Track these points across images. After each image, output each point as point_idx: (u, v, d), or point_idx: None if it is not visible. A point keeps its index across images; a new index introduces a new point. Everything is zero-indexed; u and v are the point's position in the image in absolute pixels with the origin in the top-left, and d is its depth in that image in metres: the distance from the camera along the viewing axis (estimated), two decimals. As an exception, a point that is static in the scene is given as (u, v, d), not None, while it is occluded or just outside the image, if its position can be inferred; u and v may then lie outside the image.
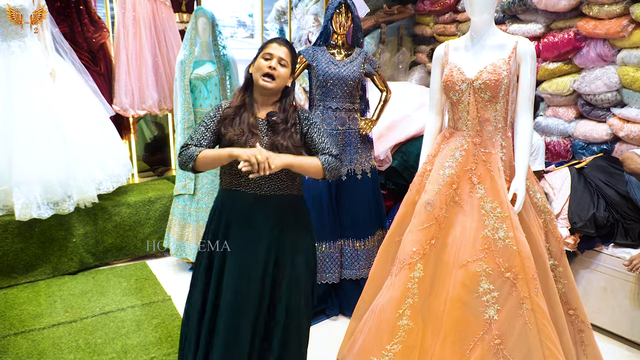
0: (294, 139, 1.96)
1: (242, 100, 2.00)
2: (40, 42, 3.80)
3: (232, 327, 1.94)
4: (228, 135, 1.94)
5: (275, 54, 1.95)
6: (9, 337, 2.90)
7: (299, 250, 2.03)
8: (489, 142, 2.14)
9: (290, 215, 2.03)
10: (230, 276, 1.95)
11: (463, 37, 2.24)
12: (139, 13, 4.34)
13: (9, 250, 3.58)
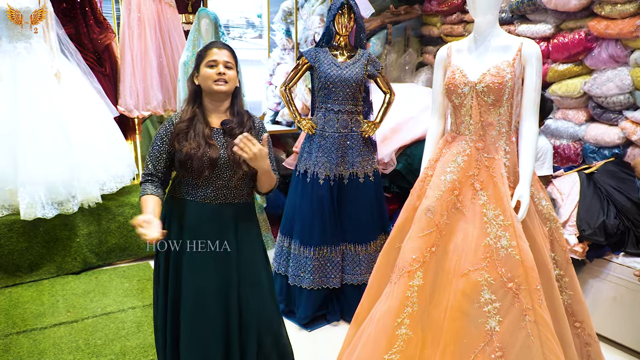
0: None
1: (193, 112, 1.95)
2: (46, 43, 3.81)
3: (196, 346, 1.97)
4: (184, 150, 1.89)
5: (219, 60, 1.93)
6: (12, 335, 2.90)
7: (255, 256, 2.07)
8: (492, 147, 2.08)
9: (243, 222, 2.04)
10: (187, 294, 1.97)
11: (466, 38, 2.18)
12: (144, 14, 4.33)
13: (14, 249, 3.59)
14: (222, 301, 1.99)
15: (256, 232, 2.13)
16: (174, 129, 1.94)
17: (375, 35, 4.91)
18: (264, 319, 2.07)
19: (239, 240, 2.03)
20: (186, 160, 1.89)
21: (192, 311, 1.98)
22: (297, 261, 2.98)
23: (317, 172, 2.94)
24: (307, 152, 3.02)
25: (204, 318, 1.98)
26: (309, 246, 2.95)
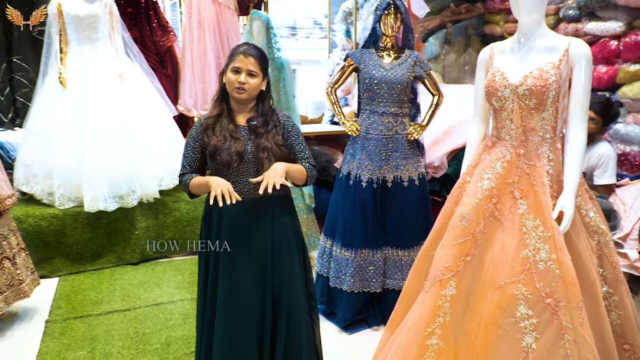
0: (277, 139, 2.01)
1: (220, 109, 2.03)
2: (112, 45, 4.04)
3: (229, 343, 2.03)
4: (212, 142, 1.97)
5: (242, 67, 1.95)
6: (69, 320, 3.11)
7: (290, 248, 2.10)
8: (534, 154, 1.97)
9: (278, 214, 2.08)
10: (224, 286, 2.03)
11: (510, 38, 2.08)
12: (203, 17, 4.48)
13: (78, 239, 3.84)
14: (258, 293, 2.04)
15: (292, 224, 2.15)
16: (203, 125, 2.02)
17: (434, 35, 4.81)
18: (294, 312, 2.09)
19: (274, 232, 2.07)
20: (214, 153, 1.97)
21: (228, 302, 2.03)
22: (338, 263, 2.98)
23: (360, 174, 2.91)
24: (351, 154, 3.00)
25: (239, 310, 2.02)
26: (350, 248, 2.93)
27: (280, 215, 2.10)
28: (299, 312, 2.11)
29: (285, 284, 2.08)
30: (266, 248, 2.05)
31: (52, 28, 3.92)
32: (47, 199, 3.86)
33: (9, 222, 2.99)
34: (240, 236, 2.04)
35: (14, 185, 3.87)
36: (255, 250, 2.04)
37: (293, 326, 2.09)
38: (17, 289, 2.96)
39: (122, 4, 4.37)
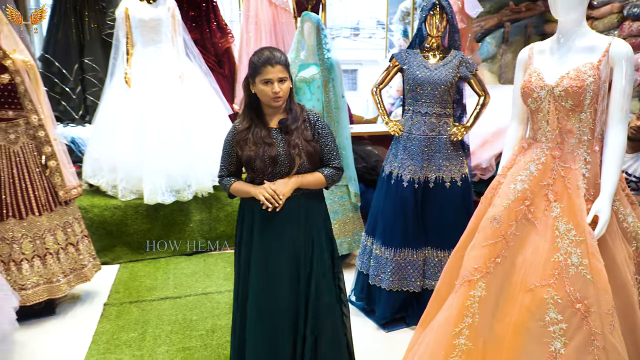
0: (306, 135, 2.08)
1: (250, 119, 2.08)
2: (173, 47, 4.27)
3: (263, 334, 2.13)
4: (246, 154, 2.04)
5: (274, 78, 1.98)
6: (125, 304, 3.34)
7: (322, 244, 2.17)
8: (570, 156, 1.92)
9: (311, 211, 2.15)
10: (257, 280, 2.13)
11: (550, 38, 2.03)
12: (260, 19, 4.64)
13: (138, 230, 4.10)
14: (290, 285, 2.12)
15: (323, 221, 2.23)
16: (235, 136, 2.10)
17: (491, 35, 4.71)
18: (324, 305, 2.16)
19: (306, 229, 2.14)
20: (249, 163, 2.05)
21: (261, 294, 2.13)
22: (378, 261, 3.01)
23: (402, 174, 2.93)
24: (393, 153, 3.03)
25: (272, 302, 2.12)
26: (389, 247, 2.95)
27: (312, 213, 2.17)
28: (328, 305, 2.17)
29: (315, 278, 2.14)
30: (298, 243, 2.13)
31: (120, 31, 4.21)
32: (111, 191, 4.15)
33: (74, 211, 3.25)
34: (274, 231, 2.12)
35: (83, 177, 4.19)
36: (287, 245, 2.12)
37: (323, 318, 2.15)
38: (80, 272, 3.22)
39: (184, 7, 4.61)
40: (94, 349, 2.81)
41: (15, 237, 2.93)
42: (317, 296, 2.13)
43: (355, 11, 14.73)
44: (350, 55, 14.49)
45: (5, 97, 2.92)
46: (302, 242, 2.14)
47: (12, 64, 2.91)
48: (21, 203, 2.97)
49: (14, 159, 2.97)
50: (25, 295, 2.92)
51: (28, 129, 3.02)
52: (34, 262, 2.99)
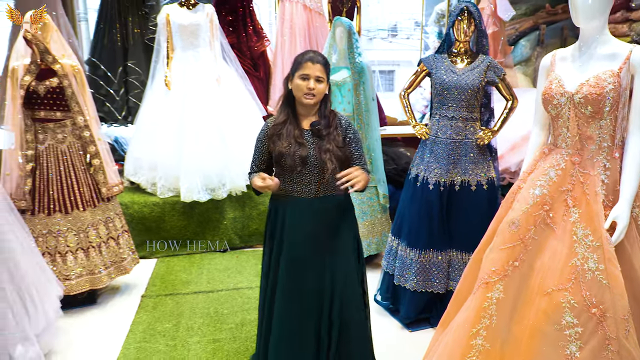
0: (337, 141, 2.14)
1: (286, 114, 2.16)
2: (211, 51, 4.43)
3: (289, 329, 2.21)
4: (277, 149, 2.13)
5: (311, 74, 2.07)
6: (161, 296, 3.51)
7: (347, 245, 2.23)
8: (589, 163, 1.94)
9: (339, 213, 2.23)
10: (286, 273, 2.21)
11: (572, 45, 2.05)
12: (295, 23, 4.75)
13: (174, 226, 4.29)
14: (316, 285, 2.20)
15: (351, 223, 2.30)
16: (269, 131, 2.19)
17: (525, 37, 4.67)
18: (348, 306, 2.23)
19: (333, 230, 2.22)
20: (280, 158, 2.14)
21: (288, 293, 2.22)
22: (403, 262, 3.07)
23: (428, 177, 2.98)
24: (420, 156, 3.08)
25: (298, 300, 2.21)
26: (414, 248, 3.01)
27: (339, 215, 2.25)
28: (352, 306, 2.24)
29: (340, 280, 2.21)
30: (325, 244, 2.21)
31: (161, 36, 4.41)
32: (151, 189, 4.35)
33: (115, 207, 3.45)
34: (302, 232, 2.20)
35: (124, 175, 4.41)
36: (315, 245, 2.20)
37: (346, 316, 2.22)
38: (120, 265, 3.41)
39: (222, 12, 4.77)
40: (131, 338, 2.98)
41: (61, 230, 3.14)
42: (342, 298, 2.20)
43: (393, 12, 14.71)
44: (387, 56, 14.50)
45: (54, 99, 3.12)
46: (329, 242, 2.21)
47: (60, 69, 3.12)
48: (67, 199, 3.17)
49: (61, 157, 3.18)
50: (69, 286, 3.12)
51: (74, 129, 3.22)
52: (78, 254, 3.19)
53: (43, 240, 3.10)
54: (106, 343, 2.94)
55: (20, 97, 3.05)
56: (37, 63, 3.08)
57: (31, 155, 3.10)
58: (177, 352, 2.81)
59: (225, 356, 2.79)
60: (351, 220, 2.33)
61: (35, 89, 3.06)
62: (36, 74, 3.08)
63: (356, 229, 2.36)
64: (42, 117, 3.13)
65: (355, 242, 2.33)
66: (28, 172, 3.08)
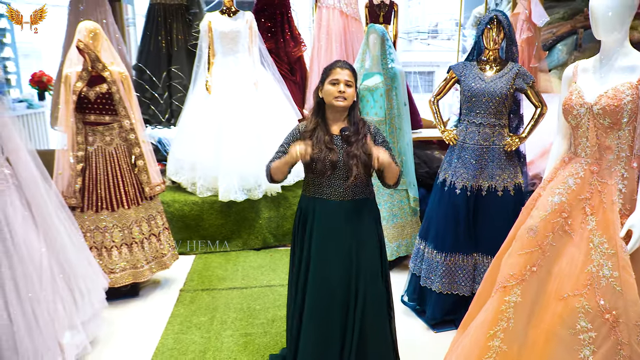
0: (365, 148, 2.21)
1: (316, 122, 2.28)
2: (250, 57, 4.61)
3: (317, 324, 2.31)
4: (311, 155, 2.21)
5: (340, 79, 2.20)
6: (198, 291, 3.70)
7: (372, 245, 2.34)
8: (607, 172, 1.97)
9: (364, 215, 2.32)
10: (314, 271, 2.31)
11: (594, 57, 2.08)
12: (331, 29, 4.88)
13: (213, 224, 4.49)
14: (343, 282, 2.31)
15: (375, 225, 2.40)
16: (300, 135, 2.31)
17: (562, 42, 4.63)
18: (372, 303, 2.32)
19: (359, 231, 2.33)
20: (311, 163, 2.25)
21: (317, 288, 2.33)
22: (429, 264, 3.14)
23: (455, 181, 3.04)
24: (448, 161, 3.14)
25: (326, 296, 2.31)
26: (440, 251, 3.08)
27: (365, 217, 2.35)
28: (376, 305, 2.34)
29: (365, 279, 2.32)
30: (352, 243, 2.31)
31: (203, 42, 4.63)
32: (191, 188, 4.57)
33: (157, 206, 3.66)
34: (330, 232, 2.32)
35: (167, 174, 4.64)
36: (342, 245, 2.31)
37: (370, 316, 2.32)
38: (160, 261, 3.62)
39: (261, 19, 4.95)
40: (169, 329, 3.17)
41: (107, 226, 3.37)
42: (365, 296, 2.30)
43: (433, 13, 14.63)
44: (427, 57, 14.42)
45: (103, 104, 3.36)
46: (354, 245, 2.31)
47: (109, 75, 3.35)
48: (113, 197, 3.40)
49: (109, 158, 3.41)
50: (114, 278, 3.35)
51: (121, 132, 3.45)
52: (122, 249, 3.41)
53: (91, 236, 3.34)
54: (146, 333, 3.15)
55: (72, 101, 3.29)
56: (88, 70, 3.32)
57: (81, 156, 3.34)
58: (211, 344, 2.99)
59: (255, 349, 2.94)
60: (376, 223, 2.42)
61: (86, 95, 3.30)
62: (87, 80, 3.32)
63: (380, 231, 2.45)
64: (92, 121, 3.36)
65: (379, 244, 2.42)
66: (78, 171, 3.33)
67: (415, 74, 14.99)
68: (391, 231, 3.94)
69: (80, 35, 3.29)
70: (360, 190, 2.32)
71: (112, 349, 2.97)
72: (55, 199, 2.80)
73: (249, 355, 2.87)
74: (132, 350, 2.96)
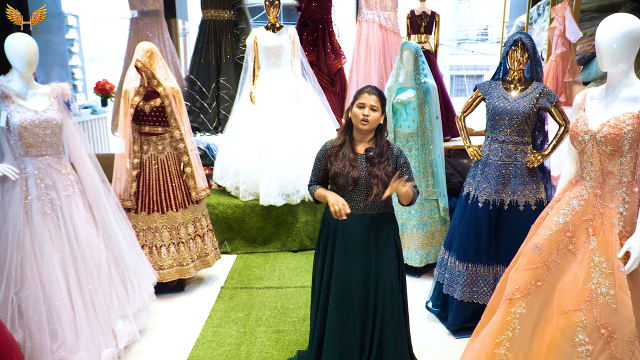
0: (387, 170, 2.41)
1: (343, 139, 2.49)
2: (292, 69, 4.89)
3: (339, 327, 2.51)
4: (333, 169, 2.46)
5: (366, 103, 2.40)
6: (237, 289, 4.01)
7: (390, 257, 2.51)
8: (609, 196, 2.09)
9: (382, 229, 2.50)
10: (336, 279, 2.53)
11: (601, 86, 2.20)
12: (371, 42, 5.08)
13: (253, 226, 4.79)
14: (362, 288, 2.51)
15: (393, 237, 2.57)
16: (327, 151, 2.54)
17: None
18: (393, 314, 2.52)
19: (377, 244, 2.52)
20: (335, 177, 2.48)
21: (338, 293, 2.55)
22: (451, 273, 3.30)
23: (477, 195, 3.19)
24: (472, 176, 3.29)
25: (348, 305, 2.54)
26: (462, 261, 3.23)
27: (383, 230, 2.53)
28: (395, 313, 2.52)
29: (383, 287, 2.51)
30: (370, 254, 2.51)
31: (249, 56, 4.94)
32: (234, 192, 4.90)
33: (202, 209, 3.99)
34: (350, 242, 2.52)
35: (213, 178, 4.99)
36: (360, 257, 2.50)
37: (387, 322, 2.51)
38: (204, 259, 3.95)
39: (304, 34, 5.22)
40: (209, 323, 3.48)
41: (157, 227, 3.73)
42: (384, 306, 2.50)
43: (483, 16, 14.51)
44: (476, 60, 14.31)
45: (156, 116, 3.71)
46: (373, 257, 2.50)
47: (163, 91, 3.70)
48: (164, 201, 3.75)
49: (161, 165, 3.76)
50: (162, 274, 3.70)
51: (172, 142, 3.79)
52: (170, 248, 3.76)
53: (143, 235, 3.70)
54: (189, 325, 3.47)
55: (130, 114, 3.66)
56: (145, 86, 3.68)
57: (137, 163, 3.71)
58: (246, 338, 3.27)
59: (286, 345, 3.20)
60: (395, 235, 2.60)
61: (142, 108, 3.67)
62: (143, 95, 3.68)
63: (398, 243, 2.63)
64: (146, 131, 3.73)
65: (397, 256, 2.60)
66: (134, 177, 3.69)
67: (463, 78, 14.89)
68: (421, 239, 4.11)
69: (138, 55, 3.65)
70: (380, 205, 2.51)
71: (158, 338, 3.31)
72: (112, 202, 3.16)
73: (280, 350, 3.13)
74: (176, 340, 3.28)
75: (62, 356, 2.63)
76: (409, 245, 4.14)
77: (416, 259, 4.12)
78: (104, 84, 6.81)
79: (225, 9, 5.37)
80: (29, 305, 2.60)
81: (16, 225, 2.67)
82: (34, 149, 2.78)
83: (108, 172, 3.26)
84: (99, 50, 12.13)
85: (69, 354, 2.64)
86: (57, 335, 2.64)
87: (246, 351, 3.12)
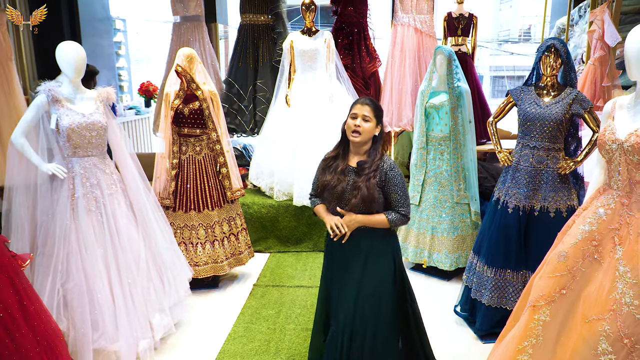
0: (370, 183, 2.29)
1: (337, 151, 2.45)
2: (327, 72, 4.97)
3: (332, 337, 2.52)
4: (320, 180, 2.44)
5: (359, 113, 2.32)
6: (269, 287, 4.12)
7: (382, 271, 2.42)
8: (636, 205, 2.08)
9: (371, 241, 2.40)
10: (336, 286, 2.53)
11: (630, 94, 2.19)
12: (405, 46, 5.11)
13: (286, 226, 4.91)
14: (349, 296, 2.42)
15: (391, 256, 2.44)
16: (322, 163, 2.52)
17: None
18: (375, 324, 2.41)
19: (369, 265, 2.41)
20: (322, 189, 2.44)
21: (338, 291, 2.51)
22: (480, 278, 3.31)
23: (507, 201, 3.18)
24: (502, 181, 3.28)
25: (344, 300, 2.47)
26: (491, 267, 3.23)
27: (375, 250, 2.42)
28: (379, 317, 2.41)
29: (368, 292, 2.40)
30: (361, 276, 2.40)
31: (285, 59, 5.05)
32: (269, 192, 5.02)
33: (237, 208, 4.13)
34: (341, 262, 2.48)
35: (249, 178, 5.13)
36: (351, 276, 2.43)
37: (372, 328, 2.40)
38: (237, 257, 4.09)
39: (340, 37, 5.29)
40: (241, 319, 3.61)
41: (194, 225, 3.88)
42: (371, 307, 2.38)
43: (526, 16, 14.19)
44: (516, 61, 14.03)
45: (195, 119, 3.86)
46: (366, 276, 2.39)
47: (201, 94, 3.84)
48: (200, 200, 3.91)
49: (198, 165, 3.92)
50: (197, 271, 3.85)
51: (209, 143, 3.94)
52: (206, 245, 3.91)
53: (180, 232, 3.86)
54: (221, 320, 3.60)
55: (170, 116, 3.83)
56: (184, 90, 3.84)
57: (176, 163, 3.87)
58: (275, 335, 3.37)
59: (314, 343, 3.29)
60: (392, 256, 2.46)
61: (181, 111, 3.82)
62: (183, 98, 3.84)
63: (398, 264, 2.49)
64: (185, 133, 3.88)
65: (395, 278, 2.45)
66: (173, 176, 3.86)
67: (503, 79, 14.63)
68: (452, 243, 4.13)
69: (178, 60, 3.81)
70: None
71: (192, 332, 3.46)
72: (152, 200, 3.32)
73: (307, 348, 3.22)
74: (209, 334, 3.42)
75: (102, 345, 2.80)
76: (440, 248, 4.16)
77: (446, 262, 4.13)
78: (148, 86, 7.07)
79: (263, 14, 5.50)
80: (73, 297, 2.78)
81: (63, 221, 2.86)
82: (81, 150, 2.96)
83: (149, 171, 3.43)
84: (144, 52, 12.57)
85: (108, 343, 2.81)
86: (99, 326, 2.81)
87: (275, 347, 3.23)
